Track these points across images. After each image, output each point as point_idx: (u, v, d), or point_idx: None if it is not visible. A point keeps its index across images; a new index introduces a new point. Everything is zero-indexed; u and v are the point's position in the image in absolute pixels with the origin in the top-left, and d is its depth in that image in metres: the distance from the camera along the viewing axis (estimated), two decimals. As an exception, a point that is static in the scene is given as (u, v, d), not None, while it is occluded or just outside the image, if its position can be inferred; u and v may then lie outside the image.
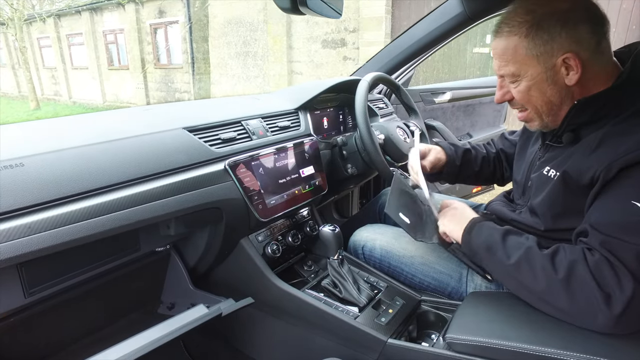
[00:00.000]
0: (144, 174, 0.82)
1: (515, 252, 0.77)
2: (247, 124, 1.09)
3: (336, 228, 1.01)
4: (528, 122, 0.88)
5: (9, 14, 11.30)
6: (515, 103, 0.86)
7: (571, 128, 0.81)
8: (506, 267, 0.78)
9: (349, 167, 1.30)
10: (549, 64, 0.77)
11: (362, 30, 6.25)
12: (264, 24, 7.55)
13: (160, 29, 10.01)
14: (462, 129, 2.23)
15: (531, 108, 0.83)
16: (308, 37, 7.02)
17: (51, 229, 0.68)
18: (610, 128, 0.74)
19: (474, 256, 0.87)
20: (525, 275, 0.74)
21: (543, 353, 0.66)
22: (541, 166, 0.86)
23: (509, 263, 0.77)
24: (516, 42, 0.78)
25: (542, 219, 0.84)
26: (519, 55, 0.78)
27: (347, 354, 0.97)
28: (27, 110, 11.28)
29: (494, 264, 0.81)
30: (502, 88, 0.86)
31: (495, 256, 0.80)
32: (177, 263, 1.07)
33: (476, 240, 0.84)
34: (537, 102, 0.81)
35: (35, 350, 0.91)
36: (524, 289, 0.76)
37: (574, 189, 0.76)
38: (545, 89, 0.79)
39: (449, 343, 0.76)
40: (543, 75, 0.78)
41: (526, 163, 0.97)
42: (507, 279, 0.80)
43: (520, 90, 0.81)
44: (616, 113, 0.75)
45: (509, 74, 0.81)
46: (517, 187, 1.00)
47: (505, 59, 0.80)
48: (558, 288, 0.69)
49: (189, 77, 9.45)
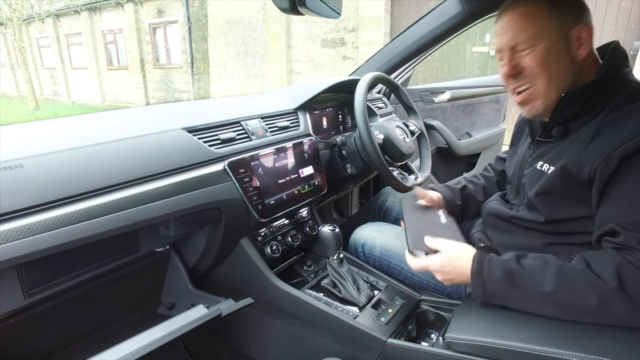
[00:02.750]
0: (143, 174, 0.82)
1: (545, 277, 0.70)
2: (247, 124, 1.09)
3: (335, 228, 1.02)
4: (529, 104, 0.83)
5: (7, 14, 11.27)
6: (522, 77, 0.81)
7: (560, 121, 0.82)
8: (544, 296, 0.70)
9: (348, 167, 1.30)
10: (566, 31, 0.77)
11: (361, 29, 6.25)
12: (263, 24, 7.54)
13: (160, 28, 9.99)
14: (462, 128, 2.23)
15: (542, 81, 0.80)
16: (307, 36, 7.01)
17: (51, 230, 0.68)
18: (601, 119, 0.75)
19: (493, 298, 0.76)
20: (570, 298, 0.68)
21: (543, 352, 0.66)
22: (533, 162, 0.86)
23: (545, 292, 0.70)
24: (539, 5, 0.78)
25: (541, 211, 0.83)
26: (540, 18, 0.77)
27: (347, 353, 0.97)
28: (26, 110, 11.27)
29: (525, 297, 0.73)
30: (512, 60, 0.81)
31: (523, 289, 0.72)
32: (176, 263, 1.07)
33: (492, 277, 0.75)
34: (551, 71, 0.79)
35: (35, 351, 0.91)
36: (574, 312, 0.69)
37: (572, 182, 0.76)
38: (560, 58, 0.78)
39: (448, 342, 0.77)
40: (560, 44, 0.78)
41: (517, 162, 0.97)
42: (549, 309, 0.72)
43: (537, 57, 0.78)
44: (602, 105, 0.77)
45: (525, 39, 0.78)
46: (511, 188, 0.99)
47: (523, 23, 0.78)
48: (613, 297, 0.65)
49: (188, 77, 9.43)
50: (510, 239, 0.91)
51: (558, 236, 0.82)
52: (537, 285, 0.70)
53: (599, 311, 0.67)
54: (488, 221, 0.99)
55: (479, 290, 0.76)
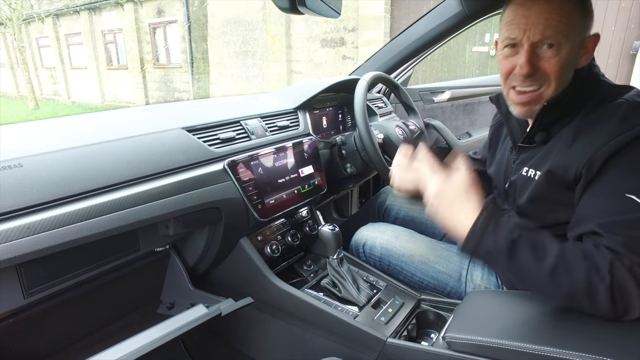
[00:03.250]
0: (143, 174, 0.82)
1: (545, 259, 0.67)
2: (246, 124, 1.09)
3: (335, 227, 1.02)
4: (529, 106, 0.79)
5: (7, 13, 11.28)
6: (536, 78, 0.76)
7: (542, 127, 0.81)
8: (538, 273, 0.67)
9: (348, 167, 1.30)
10: (583, 39, 0.76)
11: (361, 29, 6.25)
12: (263, 24, 7.54)
13: (159, 28, 9.99)
14: (462, 128, 2.23)
15: (552, 87, 0.76)
16: (307, 36, 7.01)
17: (50, 229, 0.68)
18: (579, 122, 0.75)
19: (485, 257, 0.73)
20: (563, 283, 0.66)
21: (542, 352, 0.66)
22: (518, 168, 0.86)
23: (542, 270, 0.67)
24: (574, 5, 0.73)
25: (532, 217, 0.83)
26: (574, 17, 0.73)
27: (347, 353, 0.97)
28: (26, 110, 11.27)
29: (519, 271, 0.69)
30: (532, 58, 0.74)
31: (519, 264, 0.69)
32: (176, 263, 1.07)
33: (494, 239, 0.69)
34: (564, 78, 0.76)
35: (35, 351, 0.91)
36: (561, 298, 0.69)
37: (559, 185, 0.76)
38: (571, 65, 0.76)
39: (448, 342, 0.76)
40: (576, 50, 0.75)
41: (500, 168, 0.96)
42: (536, 288, 0.71)
43: (560, 60, 0.74)
44: (578, 107, 0.76)
45: (554, 36, 0.72)
46: (499, 193, 0.98)
47: (557, 18, 0.72)
48: (603, 295, 0.64)
49: (188, 77, 9.43)
50: None
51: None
52: (535, 263, 0.67)
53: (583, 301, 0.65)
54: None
55: (472, 245, 0.71)
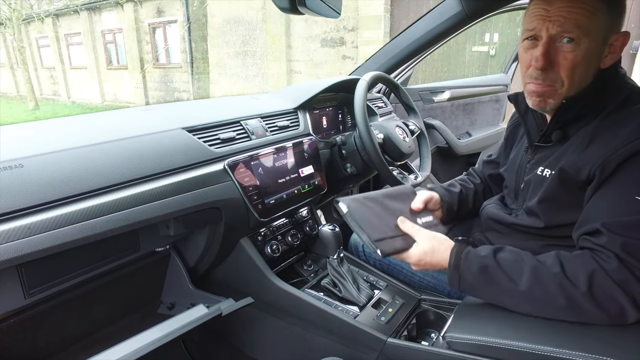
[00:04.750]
0: (143, 174, 0.82)
1: (520, 276, 0.71)
2: (246, 124, 1.09)
3: (335, 227, 1.01)
4: (542, 97, 0.78)
5: (7, 13, 11.27)
6: (550, 74, 0.75)
7: (559, 126, 0.81)
8: (517, 294, 0.72)
9: (348, 167, 1.30)
10: (608, 37, 0.73)
11: (361, 29, 6.25)
12: (263, 23, 7.54)
13: (159, 28, 9.99)
14: (462, 127, 2.23)
15: (568, 84, 0.75)
16: (307, 36, 7.01)
17: (51, 230, 0.68)
18: (598, 123, 0.75)
19: (470, 290, 0.78)
20: (542, 297, 0.70)
21: (543, 352, 0.66)
22: (533, 168, 0.85)
23: (519, 290, 0.71)
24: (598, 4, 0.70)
25: (541, 218, 0.83)
26: (596, 12, 0.70)
27: (347, 353, 0.97)
28: (26, 110, 11.26)
29: (501, 293, 0.74)
30: (548, 52, 0.73)
31: (498, 284, 0.73)
32: (176, 263, 1.07)
33: (469, 270, 0.75)
34: (579, 76, 0.74)
35: (36, 351, 0.91)
36: (545, 310, 0.71)
37: (571, 185, 0.76)
38: (590, 64, 0.74)
39: (448, 342, 0.77)
40: (598, 48, 0.73)
41: (515, 168, 0.95)
42: (521, 305, 0.73)
43: (576, 58, 0.72)
44: (599, 109, 0.76)
45: (574, 30, 0.70)
46: (509, 192, 0.97)
47: (578, 12, 0.70)
48: (581, 302, 0.66)
49: (188, 77, 9.43)
50: (510, 241, 0.90)
51: (557, 239, 0.82)
52: (512, 283, 0.72)
53: (568, 312, 0.69)
54: (487, 224, 0.98)
55: (456, 283, 0.77)
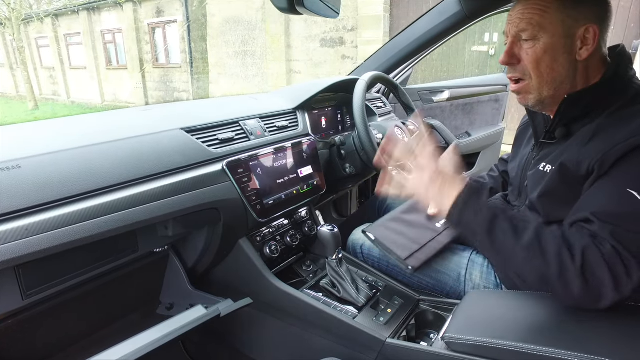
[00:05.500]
0: (141, 175, 0.82)
1: (523, 233, 0.70)
2: (245, 124, 1.09)
3: (334, 228, 1.01)
4: (522, 94, 0.84)
5: (6, 13, 11.26)
6: (519, 69, 0.81)
7: (563, 123, 0.82)
8: (513, 250, 0.70)
9: (347, 167, 1.30)
10: (572, 31, 0.76)
11: (360, 29, 6.25)
12: (262, 23, 7.53)
13: (159, 28, 9.99)
14: (461, 127, 2.23)
15: (535, 77, 0.80)
16: (306, 36, 7.01)
17: (49, 231, 0.67)
18: (602, 120, 0.75)
19: (466, 229, 0.76)
20: (537, 260, 0.69)
21: (542, 352, 0.66)
22: (536, 164, 0.86)
23: (518, 246, 0.70)
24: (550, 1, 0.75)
25: (541, 213, 0.84)
26: (550, 10, 0.76)
27: (346, 353, 0.97)
28: (25, 110, 11.25)
29: (496, 243, 0.72)
30: (511, 48, 0.81)
31: (497, 237, 0.72)
32: (175, 264, 1.07)
33: (470, 216, 0.74)
34: (545, 69, 0.79)
35: (34, 352, 0.91)
36: (534, 275, 0.70)
37: (570, 180, 0.77)
38: (558, 57, 0.77)
39: (447, 342, 0.76)
40: (562, 41, 0.77)
41: (520, 165, 0.97)
42: (512, 264, 0.72)
43: (535, 52, 0.78)
44: (604, 107, 0.77)
45: (529, 29, 0.77)
46: (513, 189, 0.99)
47: (532, 13, 0.77)
48: (573, 276, 0.66)
49: (188, 77, 9.43)
50: None
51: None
52: (512, 238, 0.70)
53: (555, 283, 0.67)
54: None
55: (455, 216, 0.76)
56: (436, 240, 1.08)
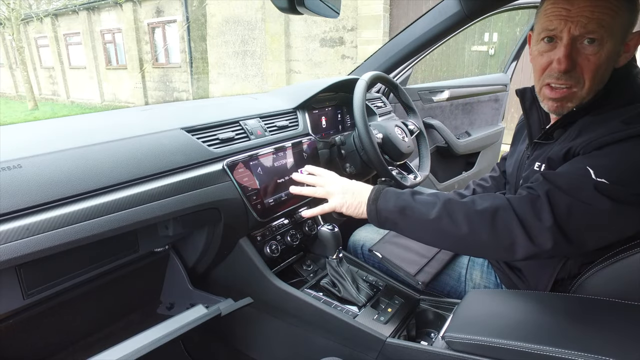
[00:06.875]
0: (142, 174, 0.82)
1: (433, 207, 0.76)
2: (245, 124, 1.09)
3: (335, 227, 1.02)
4: (563, 102, 0.77)
5: (5, 13, 11.26)
6: (573, 75, 0.73)
7: (563, 124, 0.82)
8: (425, 222, 0.76)
9: (347, 167, 1.30)
10: (626, 37, 0.72)
11: (360, 28, 6.25)
12: (262, 23, 7.53)
13: (158, 28, 9.98)
14: (461, 127, 2.23)
15: (588, 85, 0.73)
16: (306, 35, 7.01)
17: (49, 230, 0.68)
18: (589, 118, 0.76)
19: (384, 223, 0.82)
20: (449, 226, 0.74)
21: (542, 351, 0.66)
22: (531, 164, 0.87)
23: (428, 219, 0.75)
24: (621, 2, 0.68)
25: None
26: (620, 12, 0.68)
27: (347, 353, 0.97)
28: (25, 110, 11.25)
29: (411, 223, 0.78)
30: (571, 53, 0.71)
31: (411, 217, 0.78)
32: (176, 263, 1.07)
33: (385, 206, 0.80)
34: (600, 77, 0.72)
35: (35, 352, 0.91)
36: (450, 238, 0.75)
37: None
38: (611, 63, 0.72)
39: (447, 342, 0.77)
40: (617, 49, 0.71)
41: (515, 164, 0.97)
42: (429, 235, 0.78)
43: (599, 59, 0.70)
44: (597, 111, 0.76)
45: (598, 31, 0.68)
46: (510, 188, 0.99)
47: (602, 11, 0.67)
48: (481, 230, 0.71)
49: (187, 77, 9.43)
50: None
51: None
52: (423, 214, 0.76)
53: (467, 238, 0.72)
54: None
55: (374, 215, 0.82)
56: (443, 252, 1.08)
